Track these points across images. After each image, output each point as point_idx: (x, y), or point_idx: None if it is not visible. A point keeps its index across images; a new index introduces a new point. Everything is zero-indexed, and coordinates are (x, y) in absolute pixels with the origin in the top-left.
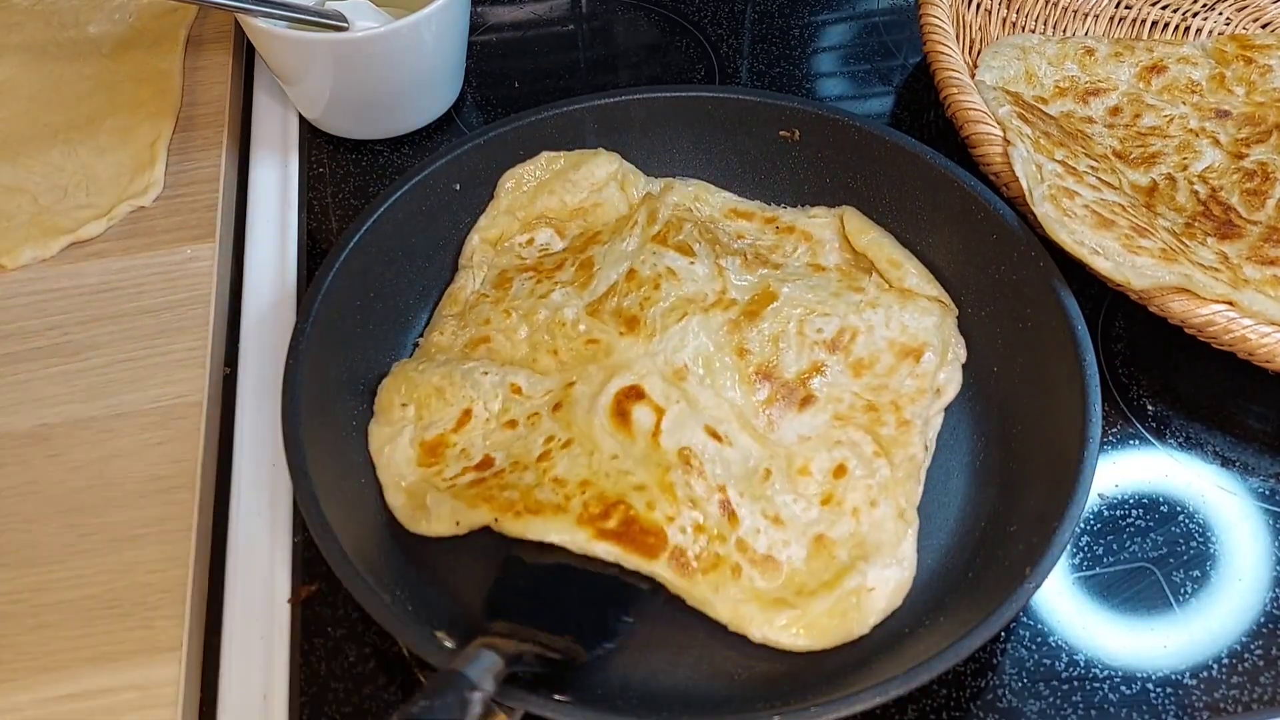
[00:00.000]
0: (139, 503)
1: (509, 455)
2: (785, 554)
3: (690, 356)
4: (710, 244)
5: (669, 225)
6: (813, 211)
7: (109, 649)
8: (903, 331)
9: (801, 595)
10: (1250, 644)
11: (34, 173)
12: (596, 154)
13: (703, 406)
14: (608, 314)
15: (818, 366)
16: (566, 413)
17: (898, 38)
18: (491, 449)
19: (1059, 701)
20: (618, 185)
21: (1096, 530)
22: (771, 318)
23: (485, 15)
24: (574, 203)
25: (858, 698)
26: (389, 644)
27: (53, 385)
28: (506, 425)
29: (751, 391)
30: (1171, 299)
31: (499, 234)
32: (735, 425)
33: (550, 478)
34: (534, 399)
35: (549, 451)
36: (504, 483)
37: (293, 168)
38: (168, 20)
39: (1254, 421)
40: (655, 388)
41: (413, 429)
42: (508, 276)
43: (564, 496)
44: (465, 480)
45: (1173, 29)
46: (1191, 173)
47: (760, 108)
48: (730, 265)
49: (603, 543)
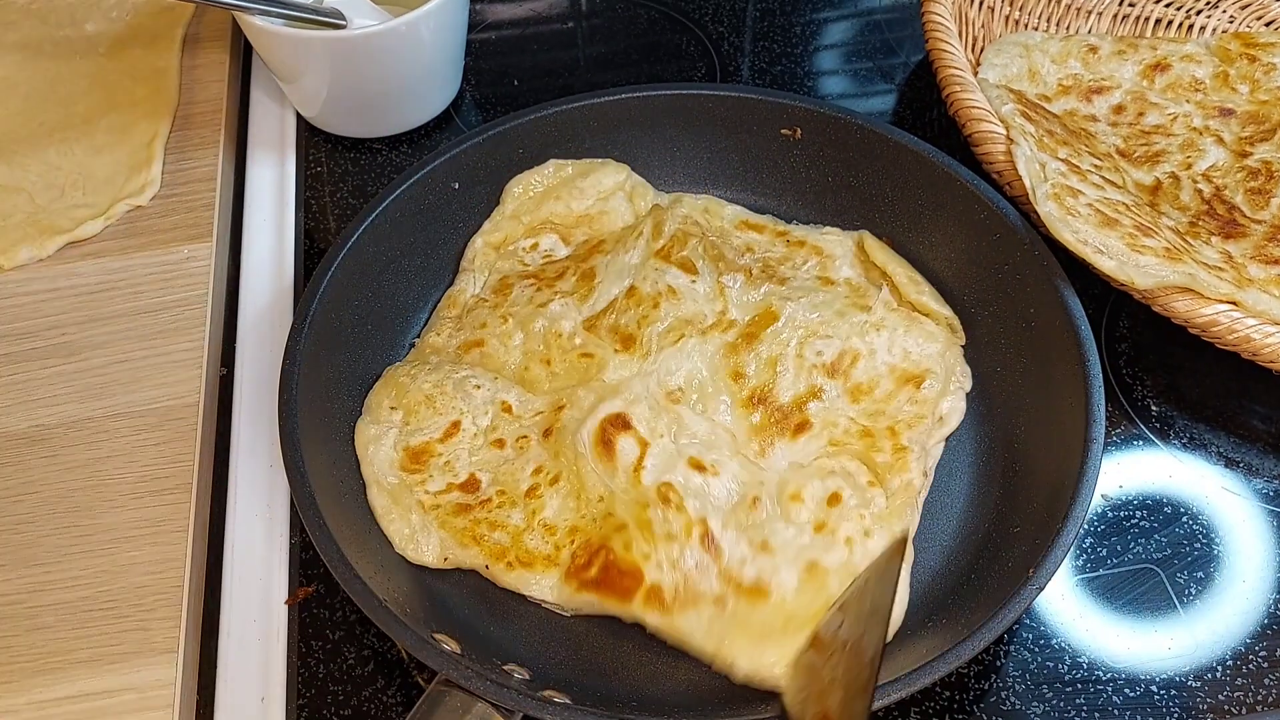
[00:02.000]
0: (135, 504)
1: (495, 480)
2: (775, 580)
3: (684, 380)
4: (715, 260)
5: (674, 240)
6: (826, 230)
7: (105, 651)
8: (905, 357)
9: (790, 626)
10: (1254, 646)
11: (30, 172)
12: (605, 164)
13: (691, 433)
14: (604, 330)
15: (815, 391)
16: (555, 442)
17: (900, 35)
18: (477, 467)
19: (1062, 704)
20: (625, 196)
21: (1100, 531)
22: (770, 340)
23: (484, 13)
24: (580, 210)
25: None
26: (388, 646)
27: (49, 386)
28: (494, 444)
29: (745, 416)
30: (1175, 298)
31: (503, 238)
32: (726, 452)
33: (540, 521)
34: (523, 420)
35: (537, 486)
36: (493, 520)
37: (290, 167)
38: (164, 18)
39: (1258, 422)
40: (642, 417)
41: (398, 432)
42: (508, 282)
43: (554, 546)
44: (450, 501)
45: (1176, 26)
46: (1195, 171)
47: (762, 106)
48: (733, 283)
49: (583, 594)
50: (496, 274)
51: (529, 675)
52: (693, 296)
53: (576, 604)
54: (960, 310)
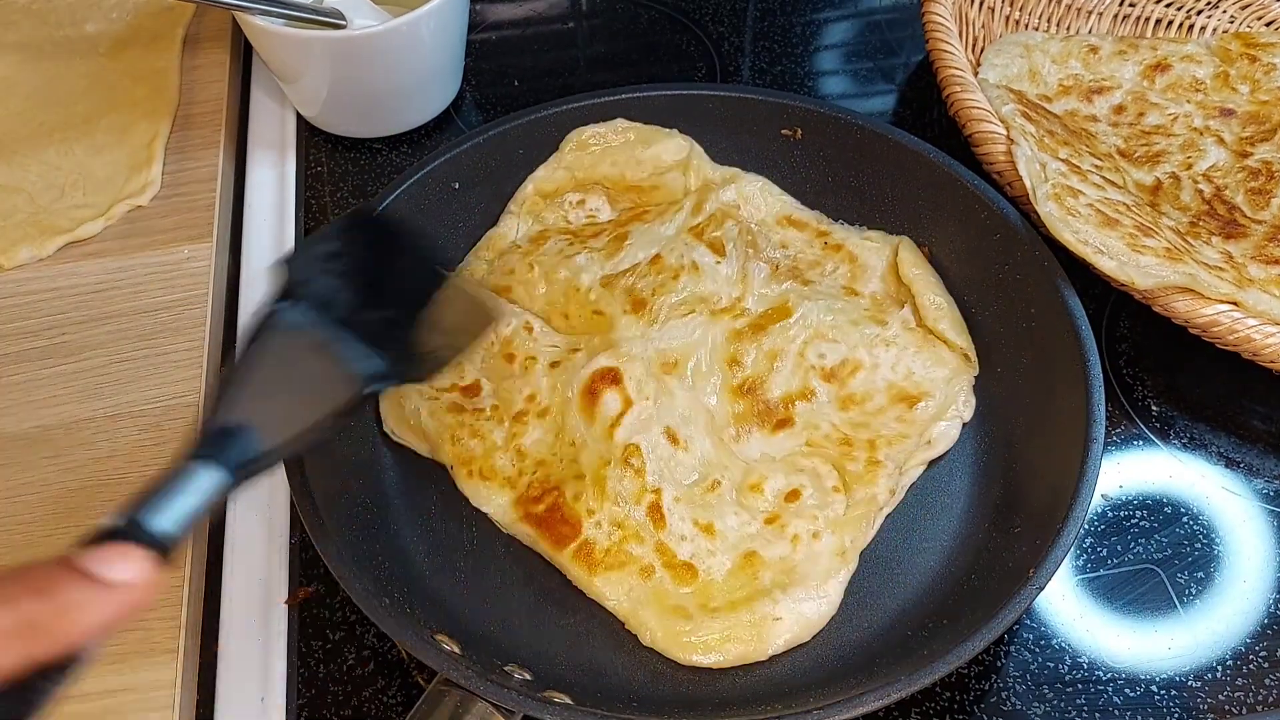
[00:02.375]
0: None
1: (495, 393)
2: (707, 564)
3: (681, 353)
4: (746, 246)
5: (711, 219)
6: (868, 233)
7: (105, 651)
8: (907, 376)
9: (703, 611)
10: (1255, 646)
11: (30, 172)
12: (670, 135)
13: (676, 404)
14: (620, 289)
15: (807, 392)
16: (558, 376)
17: (900, 35)
18: (484, 374)
19: (1063, 704)
20: (681, 171)
21: (1100, 531)
22: (777, 334)
23: (484, 13)
24: (634, 179)
25: (860, 700)
26: (388, 646)
27: (49, 386)
28: (505, 357)
29: (731, 402)
30: (1176, 299)
31: (554, 188)
32: (701, 430)
33: (516, 446)
34: (539, 344)
35: (525, 413)
36: (475, 429)
37: (290, 167)
38: (165, 18)
39: (1259, 422)
40: (634, 377)
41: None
42: (545, 235)
43: (518, 472)
44: (449, 399)
45: (1177, 27)
46: (1196, 171)
47: (762, 106)
48: (757, 272)
49: (524, 525)
50: (539, 224)
51: (529, 675)
52: (713, 276)
53: (516, 531)
54: (961, 310)
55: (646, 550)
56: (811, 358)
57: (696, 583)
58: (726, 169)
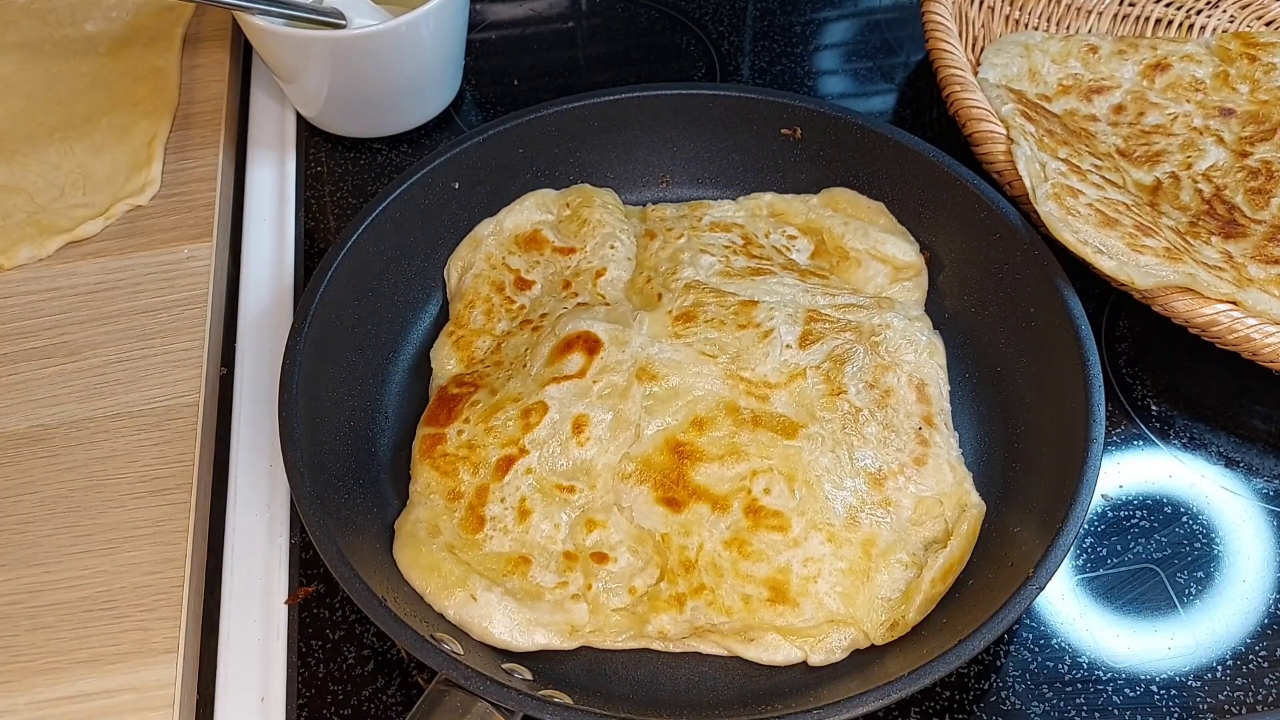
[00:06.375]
0: (135, 504)
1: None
2: (492, 534)
3: (667, 374)
4: (858, 372)
5: (809, 327)
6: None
7: (105, 651)
8: (807, 564)
9: (455, 561)
10: (1254, 645)
11: (30, 171)
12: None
13: (614, 408)
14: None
15: (721, 505)
16: (570, 316)
17: (900, 35)
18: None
19: (1062, 704)
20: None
21: (1100, 531)
22: (762, 442)
23: (484, 12)
24: (843, 244)
25: (861, 700)
26: (388, 646)
27: (49, 385)
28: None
29: (658, 451)
30: (1175, 298)
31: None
32: (609, 446)
33: (498, 336)
34: (607, 277)
35: (529, 321)
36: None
37: (290, 166)
38: (165, 18)
39: (1258, 422)
40: (608, 360)
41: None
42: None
43: (480, 358)
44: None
45: (1177, 26)
46: (1195, 171)
47: (762, 105)
48: (814, 385)
49: (433, 400)
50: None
51: (529, 675)
52: (773, 348)
53: (432, 387)
54: (960, 310)
55: (467, 483)
56: (758, 486)
57: (477, 544)
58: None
